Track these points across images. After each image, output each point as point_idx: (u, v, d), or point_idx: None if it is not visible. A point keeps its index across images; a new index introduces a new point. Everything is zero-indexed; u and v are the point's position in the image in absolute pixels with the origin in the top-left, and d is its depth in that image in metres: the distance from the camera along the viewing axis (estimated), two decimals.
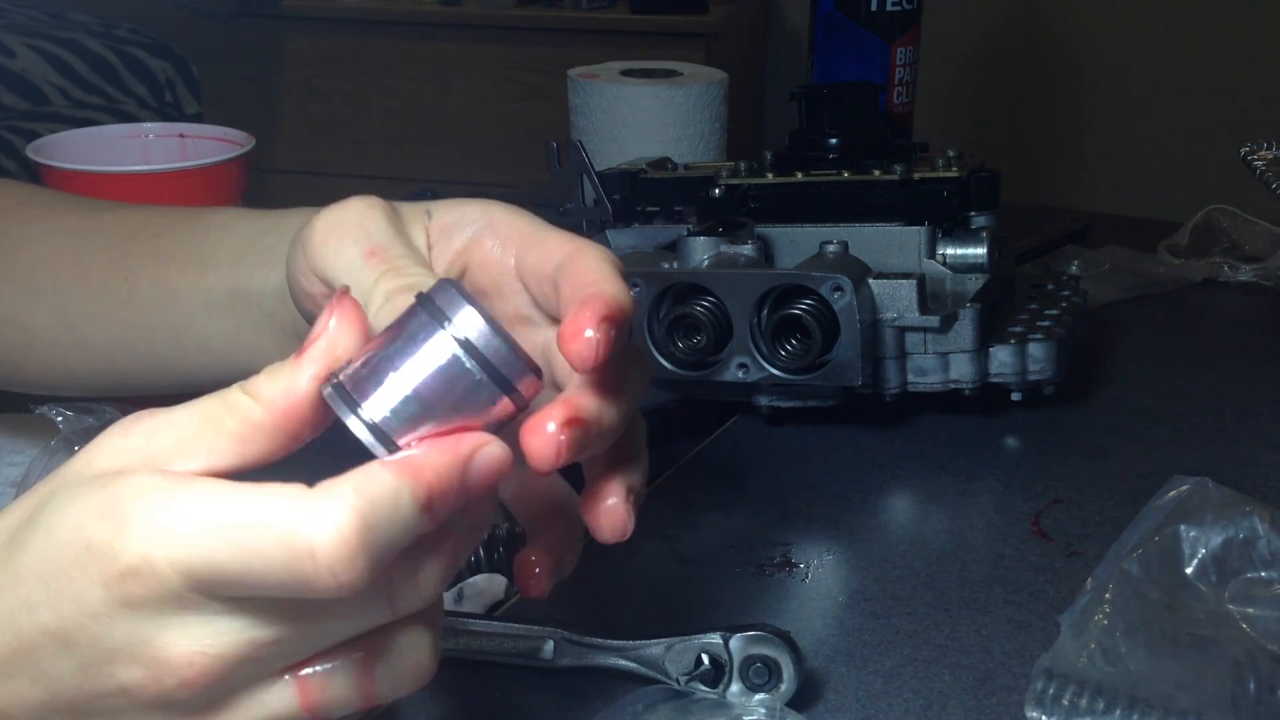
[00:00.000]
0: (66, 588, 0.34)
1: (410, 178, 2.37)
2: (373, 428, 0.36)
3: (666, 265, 0.74)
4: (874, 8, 1.03)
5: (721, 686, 0.52)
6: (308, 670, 0.37)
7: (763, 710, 0.51)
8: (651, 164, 0.89)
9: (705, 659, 0.52)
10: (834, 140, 0.83)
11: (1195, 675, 0.51)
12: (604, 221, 0.85)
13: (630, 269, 0.72)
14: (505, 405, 0.37)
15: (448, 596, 0.63)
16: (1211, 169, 1.93)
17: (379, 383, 0.36)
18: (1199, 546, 0.56)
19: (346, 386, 0.36)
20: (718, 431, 0.79)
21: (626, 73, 1.14)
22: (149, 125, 0.96)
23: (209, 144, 0.93)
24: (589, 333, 0.38)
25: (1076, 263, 1.06)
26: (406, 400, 0.36)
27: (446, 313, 0.36)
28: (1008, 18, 2.64)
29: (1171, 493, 0.59)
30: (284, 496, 0.34)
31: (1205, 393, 0.85)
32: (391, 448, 0.36)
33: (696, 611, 0.60)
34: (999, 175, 0.82)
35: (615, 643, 0.54)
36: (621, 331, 0.40)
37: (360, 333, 0.37)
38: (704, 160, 1.09)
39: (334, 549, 0.33)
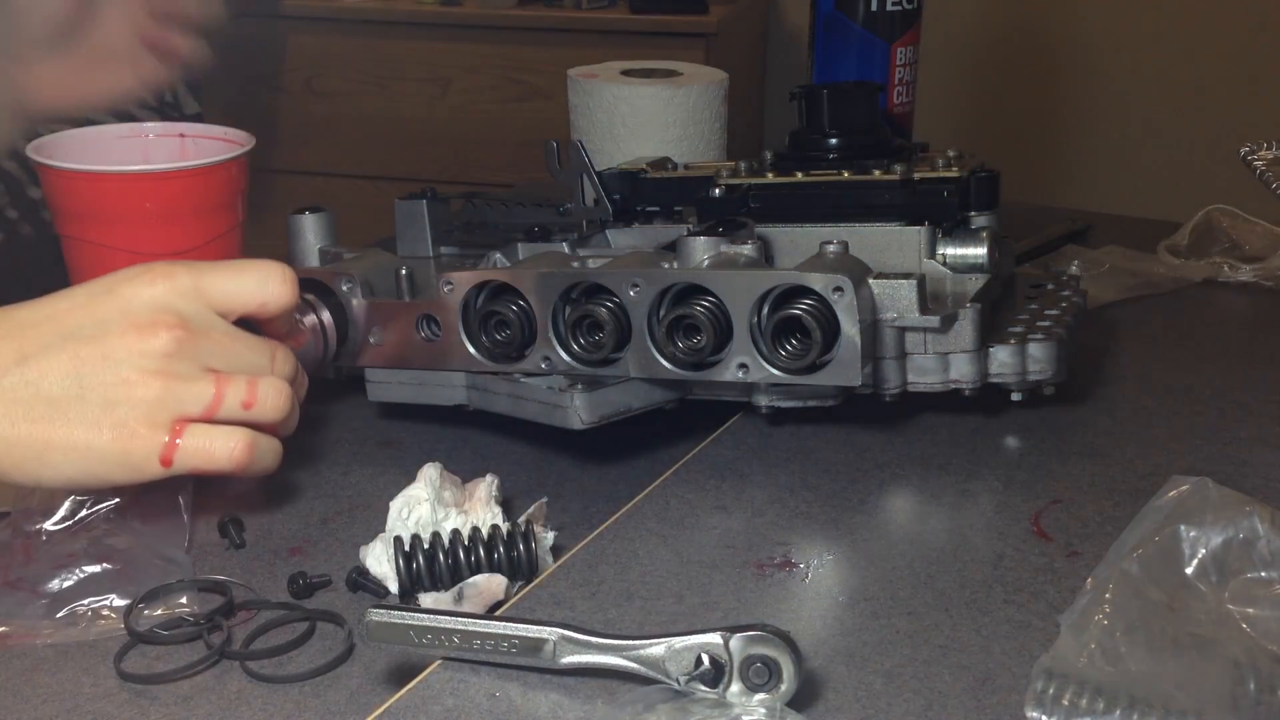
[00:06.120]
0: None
1: (410, 178, 2.37)
2: None
3: (666, 265, 0.74)
4: (874, 8, 1.03)
5: (721, 686, 0.52)
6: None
7: (763, 710, 0.51)
8: (651, 164, 0.89)
9: (705, 659, 0.52)
10: (834, 140, 0.83)
11: (1195, 675, 0.51)
12: (604, 221, 0.85)
13: (630, 269, 0.72)
14: None
15: (447, 596, 0.63)
16: (1211, 169, 1.93)
17: None
18: (1199, 546, 0.56)
19: None
20: (718, 431, 0.79)
21: (626, 73, 1.14)
22: (149, 125, 0.96)
23: (209, 144, 0.93)
24: None
25: (1076, 263, 1.06)
26: None
27: None
28: (1008, 18, 2.64)
29: (1171, 493, 0.59)
30: None
31: (1205, 393, 0.85)
32: None
33: (696, 611, 0.60)
34: (999, 175, 0.82)
35: (615, 642, 0.54)
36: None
37: None
38: (704, 160, 1.09)
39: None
